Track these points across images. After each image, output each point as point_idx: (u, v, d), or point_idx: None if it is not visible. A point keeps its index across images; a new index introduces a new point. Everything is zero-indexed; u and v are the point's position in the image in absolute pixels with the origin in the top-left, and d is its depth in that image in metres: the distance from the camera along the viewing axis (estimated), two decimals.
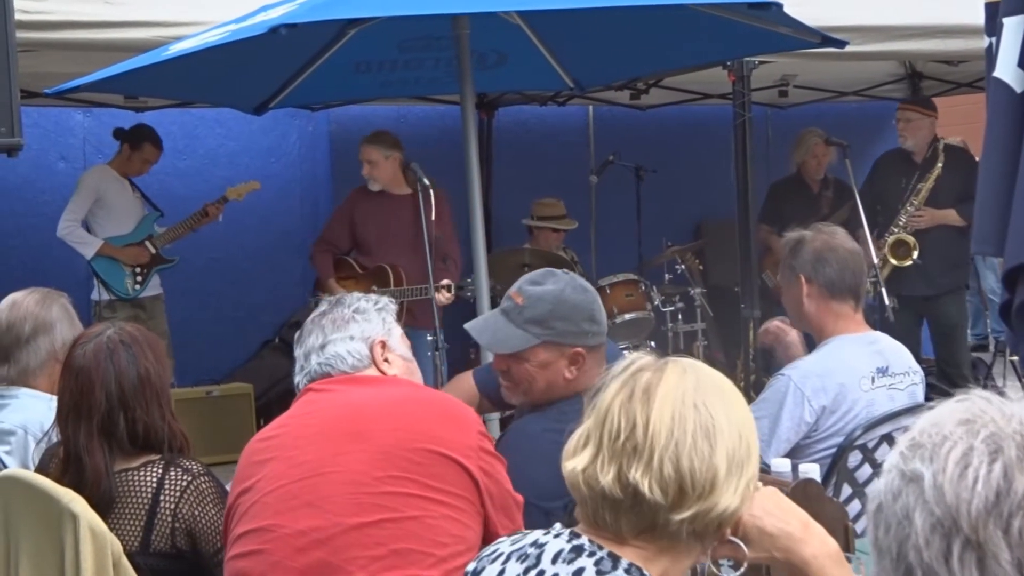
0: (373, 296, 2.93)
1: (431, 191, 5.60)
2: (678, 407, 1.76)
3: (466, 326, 3.23)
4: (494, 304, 3.93)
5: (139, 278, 7.10)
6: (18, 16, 4.33)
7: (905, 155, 7.12)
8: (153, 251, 7.20)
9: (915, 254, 6.82)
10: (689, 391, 1.78)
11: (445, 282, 6.11)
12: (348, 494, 2.50)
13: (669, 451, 1.73)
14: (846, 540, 2.20)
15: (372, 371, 2.79)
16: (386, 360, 2.82)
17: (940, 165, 6.88)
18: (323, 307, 2.90)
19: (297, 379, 2.84)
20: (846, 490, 3.52)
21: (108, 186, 7.11)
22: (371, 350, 2.80)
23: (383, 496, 2.49)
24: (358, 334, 2.80)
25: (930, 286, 7.01)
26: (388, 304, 2.92)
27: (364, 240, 6.75)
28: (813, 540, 1.90)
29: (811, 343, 3.94)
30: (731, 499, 1.76)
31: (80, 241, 6.98)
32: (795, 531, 1.89)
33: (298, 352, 2.85)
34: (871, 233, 6.62)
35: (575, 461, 1.80)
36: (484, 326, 3.19)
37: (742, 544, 1.86)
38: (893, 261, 6.85)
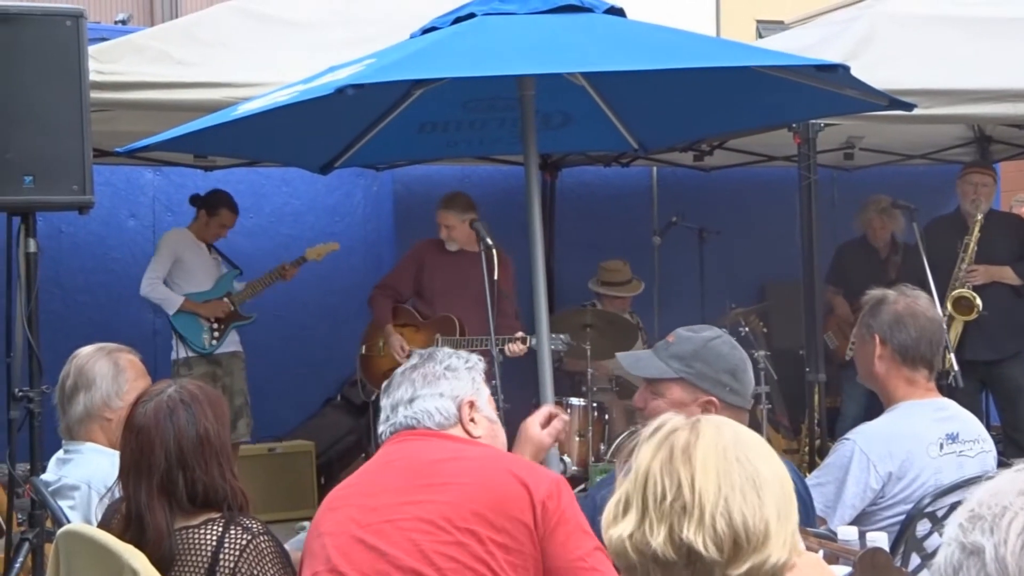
0: (463, 354, 2.94)
1: (494, 251, 5.62)
2: (721, 462, 1.74)
3: (617, 355, 3.38)
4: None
5: (216, 333, 7.18)
6: (92, 76, 4.44)
7: (959, 220, 7.04)
8: (232, 308, 7.29)
9: (979, 303, 6.71)
10: (729, 446, 1.76)
11: (520, 334, 6.15)
12: (411, 541, 2.54)
13: (720, 507, 1.70)
14: None
15: (458, 430, 2.82)
16: (472, 420, 2.84)
17: (980, 217, 6.80)
18: (414, 360, 2.92)
19: (381, 428, 2.87)
20: (915, 559, 3.44)
21: (186, 248, 7.22)
22: (459, 409, 2.83)
23: (447, 545, 2.52)
24: (448, 391, 2.82)
25: (994, 351, 6.91)
26: (478, 363, 2.93)
27: (429, 291, 6.81)
28: None
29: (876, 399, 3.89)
30: (782, 550, 1.73)
31: (163, 298, 7.09)
32: None
33: (385, 402, 2.88)
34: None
35: (619, 528, 1.76)
36: (632, 355, 3.33)
37: None
38: (957, 315, 6.75)
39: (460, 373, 2.87)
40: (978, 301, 6.72)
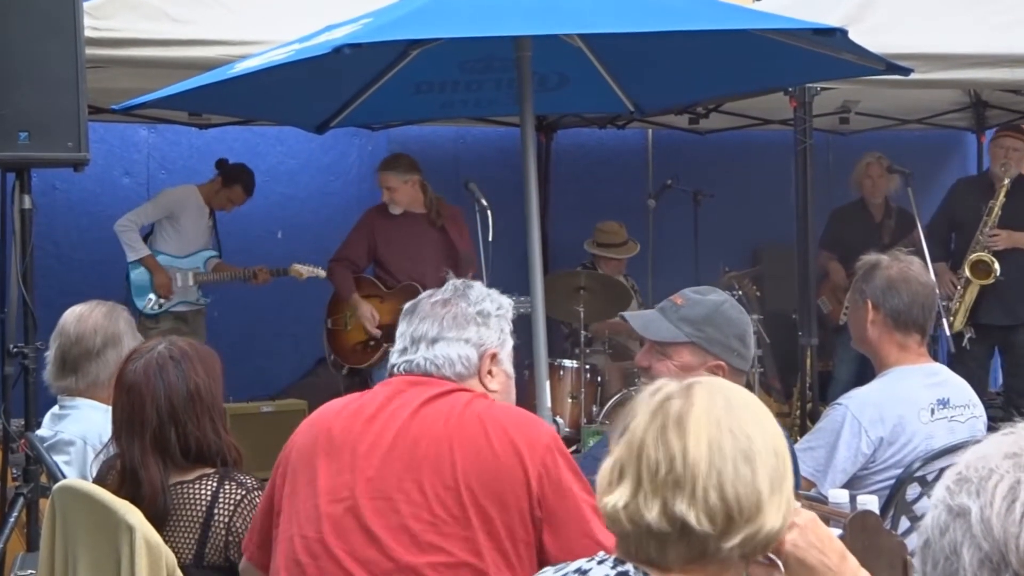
0: (496, 297, 2.78)
1: (488, 211, 5.62)
2: (714, 434, 1.75)
3: (623, 314, 3.35)
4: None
5: (162, 301, 7.10)
6: (87, 33, 4.41)
7: (987, 182, 7.04)
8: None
9: (997, 268, 6.72)
10: (722, 415, 1.77)
11: None
12: (407, 528, 2.43)
13: (712, 480, 1.72)
14: (905, 574, 2.17)
15: (474, 382, 2.66)
16: (490, 372, 2.69)
17: (1007, 182, 6.80)
18: (447, 292, 2.75)
19: (395, 360, 2.70)
20: (904, 523, 3.47)
21: (186, 209, 7.20)
22: (480, 359, 2.67)
23: (441, 537, 2.41)
24: (474, 339, 2.67)
25: (1009, 316, 6.92)
26: (508, 311, 2.78)
27: (385, 258, 6.81)
28: (847, 573, 1.89)
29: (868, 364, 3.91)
30: (776, 518, 1.75)
31: (130, 243, 7.04)
32: (832, 563, 1.88)
33: (405, 329, 2.70)
34: (947, 262, 6.56)
35: (614, 497, 1.78)
36: (640, 314, 3.28)
37: (779, 561, 1.85)
38: (974, 279, 6.76)
39: (491, 321, 2.71)
40: (996, 266, 6.72)
